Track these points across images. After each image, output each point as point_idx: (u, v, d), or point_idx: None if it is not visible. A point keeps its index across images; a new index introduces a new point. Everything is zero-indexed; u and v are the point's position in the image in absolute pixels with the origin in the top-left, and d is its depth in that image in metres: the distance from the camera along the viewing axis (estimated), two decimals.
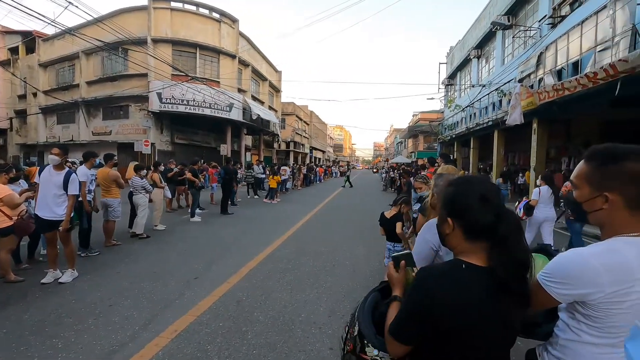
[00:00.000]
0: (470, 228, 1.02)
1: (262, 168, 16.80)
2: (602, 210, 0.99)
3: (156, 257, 5.51)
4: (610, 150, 0.99)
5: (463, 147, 22.70)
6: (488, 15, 17.42)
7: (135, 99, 19.65)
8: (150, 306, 3.68)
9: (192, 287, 4.22)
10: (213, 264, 5.18)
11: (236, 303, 3.78)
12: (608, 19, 8.01)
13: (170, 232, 7.44)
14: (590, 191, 1.01)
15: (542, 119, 11.77)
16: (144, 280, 4.42)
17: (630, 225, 0.96)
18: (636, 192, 0.94)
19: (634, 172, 0.93)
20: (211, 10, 21.33)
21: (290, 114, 38.22)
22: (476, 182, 1.09)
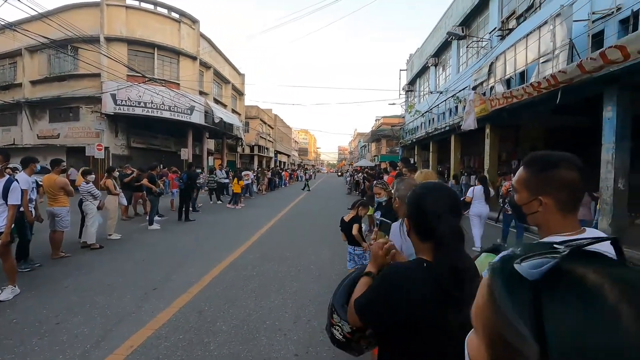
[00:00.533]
0: (417, 229, 1.13)
1: (225, 173, 16.42)
2: (538, 213, 1.06)
3: (110, 269, 5.19)
4: (545, 158, 1.07)
5: (423, 150, 23.59)
6: (444, 25, 18.32)
7: (86, 100, 18.47)
8: (103, 321, 3.45)
9: (150, 299, 4.02)
10: (173, 273, 4.97)
11: (198, 314, 3.65)
12: (549, 33, 8.72)
13: (126, 241, 7.05)
14: (528, 195, 1.08)
15: (494, 125, 12.54)
16: (97, 294, 4.14)
17: (562, 226, 1.04)
18: (567, 196, 1.03)
19: (565, 178, 1.01)
20: (170, 9, 20.63)
21: (254, 118, 37.73)
22: (426, 190, 1.17)
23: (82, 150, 17.35)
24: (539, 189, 1.06)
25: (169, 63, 20.86)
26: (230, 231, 8.35)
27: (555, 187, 1.03)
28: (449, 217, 1.07)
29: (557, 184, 1.02)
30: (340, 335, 1.21)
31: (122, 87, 17.92)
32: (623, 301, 0.31)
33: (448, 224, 1.06)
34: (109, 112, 18.03)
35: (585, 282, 0.33)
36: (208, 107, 22.34)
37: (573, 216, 1.06)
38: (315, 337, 3.19)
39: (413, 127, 24.46)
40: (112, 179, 7.58)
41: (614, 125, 7.23)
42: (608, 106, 7.34)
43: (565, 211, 1.04)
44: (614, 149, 7.23)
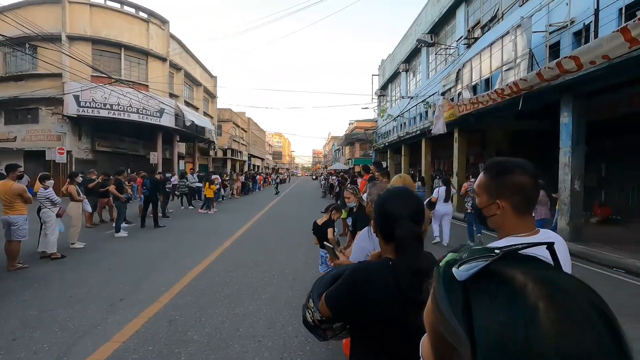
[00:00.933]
0: (380, 231, 1.20)
1: (197, 177, 16.02)
2: (497, 215, 1.13)
3: (73, 279, 4.92)
4: (501, 164, 1.14)
5: (395, 154, 24.12)
6: (414, 32, 18.88)
7: (46, 101, 17.45)
8: (65, 336, 3.27)
9: (117, 310, 3.85)
10: (142, 282, 4.78)
11: (168, 323, 3.54)
12: (511, 43, 9.20)
13: (91, 250, 6.71)
14: (487, 199, 1.15)
15: (462, 129, 13.03)
16: (58, 307, 3.91)
17: (518, 228, 1.11)
18: (521, 200, 1.10)
19: (519, 183, 1.09)
20: (138, 9, 19.96)
21: (227, 121, 37.13)
22: (390, 194, 1.23)
23: (41, 154, 16.37)
24: (496, 193, 1.12)
25: (137, 64, 20.15)
26: (203, 237, 8.16)
27: (510, 191, 1.10)
28: (407, 221, 1.12)
29: (512, 188, 1.09)
30: (310, 320, 1.25)
31: (86, 88, 17.08)
32: (542, 299, 0.33)
33: (406, 228, 1.10)
34: (72, 114, 17.12)
35: (512, 283, 0.36)
36: (179, 110, 21.74)
37: (528, 218, 1.13)
38: (290, 343, 3.18)
39: (386, 130, 24.97)
40: (74, 185, 7.21)
41: (570, 130, 7.71)
42: (564, 112, 7.83)
43: (521, 213, 1.11)
44: (570, 153, 7.70)
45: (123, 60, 19.28)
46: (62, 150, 16.12)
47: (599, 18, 7.10)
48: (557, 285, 0.35)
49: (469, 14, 13.61)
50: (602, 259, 6.21)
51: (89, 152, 18.81)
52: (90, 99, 17.32)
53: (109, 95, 17.61)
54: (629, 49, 5.45)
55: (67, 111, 17.09)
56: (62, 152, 16.11)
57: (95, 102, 17.45)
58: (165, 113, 20.21)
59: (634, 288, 4.96)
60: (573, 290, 0.35)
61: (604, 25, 7.01)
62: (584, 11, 7.57)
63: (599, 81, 6.96)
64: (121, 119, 18.34)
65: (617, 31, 5.43)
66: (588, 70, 6.41)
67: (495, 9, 11.68)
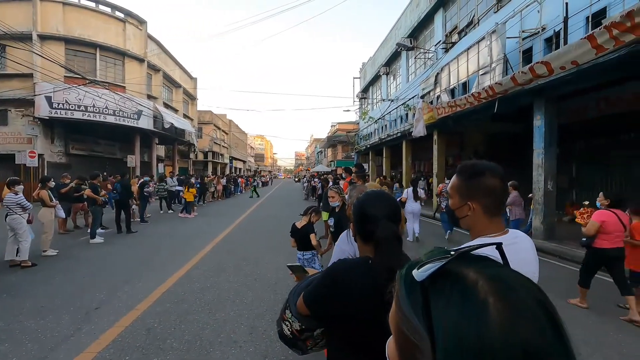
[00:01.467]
0: (360, 233, 1.23)
1: (176, 180, 15.69)
2: (468, 217, 1.17)
3: (45, 289, 4.72)
4: (472, 167, 1.18)
5: (377, 156, 24.39)
6: (394, 36, 19.19)
7: (16, 102, 16.71)
8: (36, 348, 3.13)
9: (93, 319, 3.72)
10: (118, 290, 4.64)
11: (146, 331, 3.44)
12: (486, 48, 9.50)
13: (65, 258, 6.45)
14: (459, 200, 1.19)
15: (441, 131, 13.32)
16: (28, 318, 3.75)
17: (488, 228, 1.15)
18: (491, 202, 1.14)
19: (489, 185, 1.13)
20: (114, 8, 19.45)
21: (208, 123, 36.60)
22: (368, 197, 1.26)
23: (11, 158, 15.64)
24: (467, 194, 1.16)
25: (113, 64, 19.60)
26: (183, 242, 8.00)
27: (481, 194, 1.14)
28: (386, 221, 1.16)
29: (483, 190, 1.14)
30: (289, 332, 1.25)
31: (58, 89, 16.47)
32: (491, 295, 0.36)
33: (386, 227, 1.14)
34: (43, 116, 16.46)
35: (465, 281, 0.39)
36: (157, 112, 21.27)
37: (497, 219, 1.17)
38: (272, 347, 3.15)
39: (367, 133, 25.22)
40: (47, 190, 6.92)
41: (542, 132, 8.01)
42: (537, 115, 8.13)
43: (490, 215, 1.15)
44: (543, 154, 8.00)
45: (98, 61, 18.73)
46: (33, 154, 15.47)
47: (568, 25, 7.42)
48: (505, 282, 0.38)
49: (447, 19, 13.96)
50: (574, 256, 6.47)
51: (62, 155, 18.13)
52: (64, 101, 16.71)
53: (83, 96, 17.05)
54: (595, 55, 5.72)
55: (38, 113, 16.42)
56: (33, 156, 15.45)
57: (69, 104, 16.85)
58: (143, 115, 19.73)
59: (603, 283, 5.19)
60: (519, 286, 0.38)
61: (572, 32, 7.34)
62: (554, 18, 7.91)
63: (569, 85, 7.27)
64: (97, 121, 17.79)
65: (584, 38, 5.70)
66: (559, 75, 6.69)
67: (472, 14, 12.02)
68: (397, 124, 18.75)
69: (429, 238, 8.40)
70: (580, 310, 4.10)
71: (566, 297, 4.43)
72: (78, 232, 9.17)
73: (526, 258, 1.17)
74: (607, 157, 10.22)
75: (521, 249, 1.16)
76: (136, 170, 19.73)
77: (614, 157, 10.04)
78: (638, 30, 4.97)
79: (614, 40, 5.32)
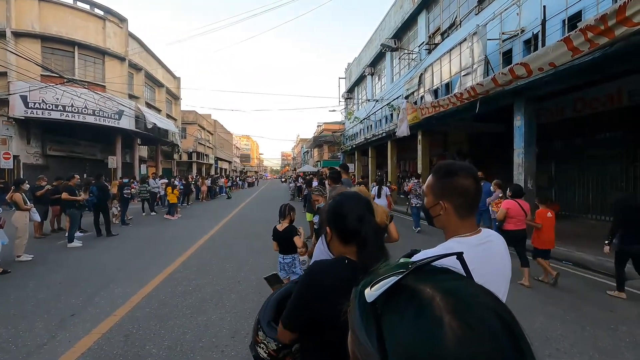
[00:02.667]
0: (339, 234, 1.20)
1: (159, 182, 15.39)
2: (441, 216, 1.18)
3: (17, 295, 4.53)
4: (447, 167, 1.18)
5: (363, 156, 24.53)
6: (378, 37, 19.32)
7: None
8: (6, 358, 3.00)
9: (67, 327, 3.59)
10: (96, 295, 4.50)
11: (124, 338, 3.34)
12: (468, 49, 9.65)
13: (40, 263, 6.23)
14: (433, 199, 1.20)
15: (425, 131, 13.48)
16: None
17: (461, 228, 1.15)
18: (462, 202, 1.14)
19: (461, 185, 1.13)
20: (93, 5, 18.94)
21: (192, 123, 36.05)
22: (344, 198, 1.25)
23: None
24: (441, 194, 1.17)
25: (93, 63, 19.08)
26: (164, 245, 7.83)
27: (453, 193, 1.14)
28: (370, 218, 1.17)
29: (455, 190, 1.14)
30: (265, 354, 1.19)
31: (34, 88, 15.92)
32: (447, 312, 0.34)
33: (370, 223, 1.15)
34: (19, 116, 15.88)
35: (420, 296, 0.36)
36: (139, 112, 20.80)
37: (470, 219, 1.17)
38: None
39: (353, 133, 25.32)
40: (21, 193, 6.66)
41: (522, 132, 8.19)
42: (517, 115, 8.31)
43: (462, 215, 1.15)
44: (523, 154, 8.18)
45: (77, 59, 18.18)
46: (7, 155, 14.96)
47: (546, 28, 7.61)
48: (462, 298, 0.36)
49: (430, 20, 14.14)
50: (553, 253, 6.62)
51: (39, 156, 17.54)
52: (40, 100, 16.17)
53: (61, 95, 16.53)
54: (572, 57, 5.88)
55: (13, 113, 15.82)
56: (8, 157, 14.95)
57: (46, 103, 16.31)
58: (124, 115, 19.29)
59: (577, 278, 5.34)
60: (476, 302, 0.36)
61: (550, 34, 7.53)
62: (533, 21, 8.10)
63: (547, 86, 7.46)
64: (75, 122, 17.27)
65: (560, 41, 5.85)
66: (537, 76, 6.85)
67: (454, 16, 12.21)
68: (382, 124, 18.89)
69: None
70: (559, 307, 4.19)
71: (545, 292, 4.54)
72: (56, 236, 8.87)
73: (499, 256, 1.17)
74: (584, 155, 10.54)
75: (494, 248, 1.17)
76: (118, 172, 19.27)
77: (590, 156, 10.36)
78: (611, 33, 5.13)
79: (589, 43, 5.47)
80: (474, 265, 1.10)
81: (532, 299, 4.29)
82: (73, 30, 17.82)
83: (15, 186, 6.78)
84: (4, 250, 5.81)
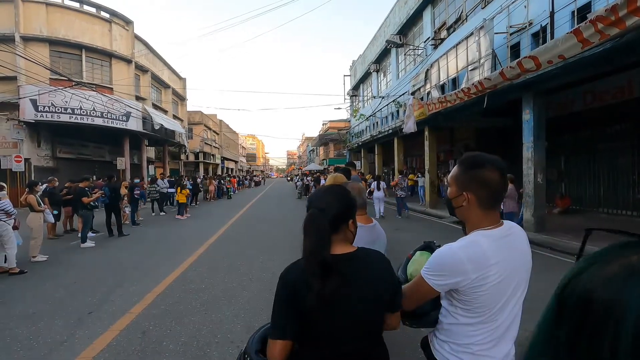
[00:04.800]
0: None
1: (167, 182, 15.53)
2: (463, 207, 1.18)
3: (35, 295, 4.63)
4: (473, 158, 1.18)
5: (369, 153, 24.49)
6: (383, 34, 19.24)
7: (0, 106, 16.34)
8: (28, 355, 3.07)
9: (86, 324, 3.66)
10: (111, 294, 4.57)
11: (141, 334, 3.40)
12: (475, 44, 9.58)
13: (55, 263, 6.34)
14: (456, 190, 1.21)
15: (432, 127, 13.41)
16: (19, 325, 3.67)
17: (485, 221, 1.16)
18: (486, 194, 1.15)
19: (486, 178, 1.13)
20: (99, 8, 19.11)
21: (198, 124, 36.26)
22: (317, 190, 1.30)
23: None
24: (465, 185, 1.17)
25: (100, 66, 19.27)
26: (176, 244, 7.92)
27: (478, 185, 1.15)
28: (313, 210, 1.17)
29: (479, 182, 1.14)
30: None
31: (44, 92, 16.13)
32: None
33: (308, 216, 1.16)
34: (29, 119, 16.12)
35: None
36: (146, 113, 20.98)
37: (493, 212, 1.18)
38: None
39: (359, 130, 25.26)
40: (34, 195, 6.78)
41: (531, 126, 8.11)
42: (526, 109, 8.23)
43: (486, 208, 1.16)
44: (532, 148, 8.11)
45: (84, 62, 18.38)
46: (19, 158, 15.17)
47: (554, 20, 7.53)
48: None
49: (435, 15, 14.04)
50: (565, 247, 6.58)
51: (50, 159, 17.78)
52: (49, 103, 16.39)
53: (69, 98, 16.73)
54: (581, 49, 5.81)
55: (23, 116, 16.07)
56: (20, 160, 15.16)
57: (55, 107, 16.53)
58: (131, 116, 19.46)
59: None
60: None
61: (559, 27, 7.44)
62: (541, 13, 8.01)
63: (556, 79, 7.38)
64: (84, 124, 17.48)
65: (570, 32, 5.78)
66: (546, 69, 6.78)
67: (460, 11, 12.11)
68: (388, 121, 18.83)
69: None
70: None
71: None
72: (69, 237, 9.01)
73: (521, 248, 1.18)
74: (594, 149, 10.42)
75: (516, 240, 1.18)
76: (126, 173, 19.47)
77: (600, 149, 10.23)
78: (622, 24, 5.06)
79: (599, 34, 5.41)
80: (500, 257, 1.11)
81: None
82: (80, 34, 18.01)
83: (29, 188, 6.89)
84: (20, 251, 5.93)
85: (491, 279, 1.09)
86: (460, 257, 1.11)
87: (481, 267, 1.09)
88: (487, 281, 1.09)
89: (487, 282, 1.10)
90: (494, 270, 1.09)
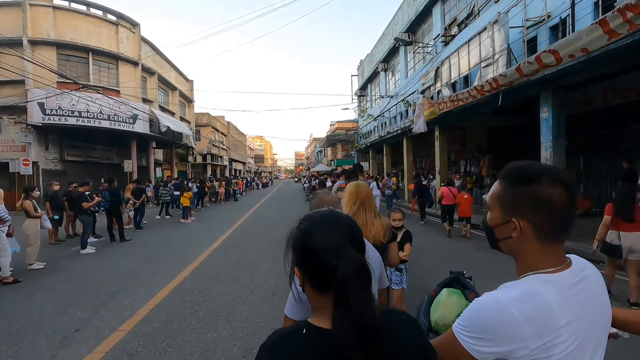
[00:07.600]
0: (311, 278, 0.79)
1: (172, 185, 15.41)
2: (513, 238, 0.83)
3: (24, 308, 4.39)
4: (523, 170, 0.83)
5: (377, 154, 24.04)
6: (391, 32, 18.81)
7: (8, 110, 16.39)
8: None
9: (70, 344, 3.39)
10: (103, 307, 4.31)
11: (128, 357, 3.11)
12: (488, 39, 9.13)
13: (51, 271, 6.13)
14: (500, 215, 0.85)
15: (442, 127, 12.96)
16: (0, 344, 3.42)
17: (545, 259, 0.81)
18: (546, 220, 0.79)
19: (544, 196, 0.78)
20: (105, 11, 19.12)
21: (206, 125, 36.27)
22: (312, 218, 0.84)
23: (4, 166, 15.41)
24: (513, 208, 0.82)
25: (107, 68, 19.27)
26: (177, 250, 7.67)
27: (533, 207, 0.79)
28: (350, 250, 0.73)
29: (536, 203, 0.79)
30: None
31: (51, 95, 16.15)
32: None
33: (349, 259, 0.71)
34: (37, 122, 16.16)
35: None
36: (153, 115, 20.94)
37: (557, 245, 0.82)
38: None
39: (367, 131, 24.85)
40: (30, 200, 6.59)
41: (550, 125, 7.65)
42: (544, 107, 7.78)
43: (546, 239, 0.81)
44: (551, 147, 7.65)
45: (91, 65, 18.39)
46: (27, 162, 15.19)
47: (575, 12, 7.06)
48: None
49: (445, 11, 13.58)
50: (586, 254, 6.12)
51: (57, 162, 17.82)
52: (57, 107, 16.40)
53: (77, 101, 16.72)
54: (607, 41, 5.37)
55: (31, 120, 16.11)
56: (28, 164, 15.17)
57: (62, 110, 16.54)
58: (138, 119, 19.42)
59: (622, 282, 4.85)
60: None
61: (580, 19, 6.97)
62: (560, 5, 7.53)
63: (577, 75, 6.93)
64: (91, 127, 17.48)
65: (595, 23, 5.34)
66: (567, 64, 6.33)
67: (471, 5, 11.65)
68: (397, 121, 18.39)
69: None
70: None
71: None
72: (71, 242, 8.86)
73: (599, 299, 0.83)
74: (615, 148, 9.86)
75: (591, 286, 0.82)
76: (134, 175, 19.43)
77: (622, 149, 9.68)
78: None
79: (628, 24, 4.96)
80: (572, 316, 0.75)
81: None
82: (87, 37, 18.02)
83: (25, 193, 6.70)
84: (16, 258, 5.73)
85: (560, 347, 0.73)
86: (514, 317, 0.74)
87: (546, 332, 0.73)
88: (554, 351, 0.73)
89: (555, 353, 0.73)
90: (564, 335, 0.73)
